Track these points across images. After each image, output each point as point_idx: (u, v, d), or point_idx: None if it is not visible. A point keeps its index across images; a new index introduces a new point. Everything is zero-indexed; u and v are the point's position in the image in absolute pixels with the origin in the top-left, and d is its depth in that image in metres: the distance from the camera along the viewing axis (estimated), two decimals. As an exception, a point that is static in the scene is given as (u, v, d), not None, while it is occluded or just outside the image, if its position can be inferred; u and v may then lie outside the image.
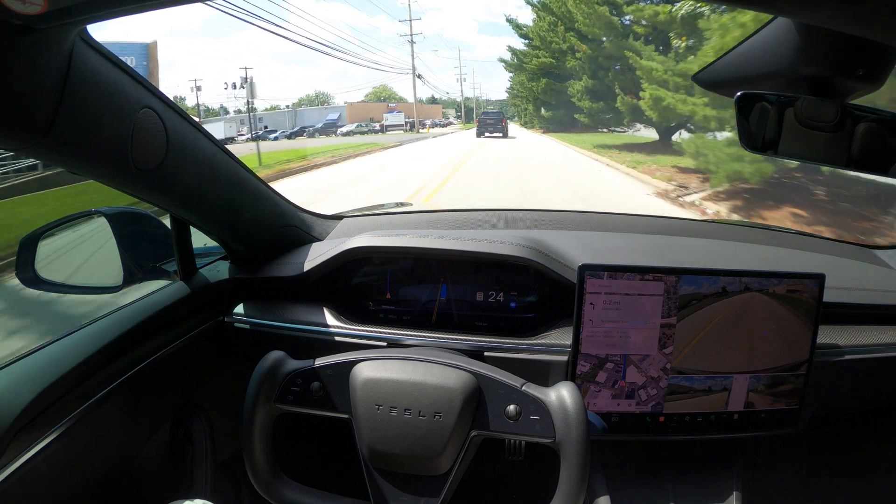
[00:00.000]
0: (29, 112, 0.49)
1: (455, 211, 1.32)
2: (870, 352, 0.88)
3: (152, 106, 0.64)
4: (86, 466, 0.70)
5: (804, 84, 0.54)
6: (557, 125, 22.97)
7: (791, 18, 0.50)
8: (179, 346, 0.85)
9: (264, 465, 0.65)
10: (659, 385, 0.83)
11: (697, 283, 0.80)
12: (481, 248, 0.91)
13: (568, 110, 21.21)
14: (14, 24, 0.42)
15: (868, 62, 0.50)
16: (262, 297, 1.00)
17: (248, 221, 0.93)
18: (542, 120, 26.69)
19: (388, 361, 0.66)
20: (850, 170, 0.56)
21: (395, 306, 0.97)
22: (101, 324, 0.76)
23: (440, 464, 0.62)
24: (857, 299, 0.93)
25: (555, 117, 23.77)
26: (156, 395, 0.82)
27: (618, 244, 1.08)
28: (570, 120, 21.23)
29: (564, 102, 21.01)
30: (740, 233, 1.26)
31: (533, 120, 29.79)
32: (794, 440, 0.92)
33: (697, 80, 0.65)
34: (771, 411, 0.85)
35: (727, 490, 0.92)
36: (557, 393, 0.62)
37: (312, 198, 7.53)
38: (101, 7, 0.44)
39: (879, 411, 1.04)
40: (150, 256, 0.89)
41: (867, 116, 0.53)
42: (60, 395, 0.65)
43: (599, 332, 0.81)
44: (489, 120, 22.05)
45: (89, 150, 0.58)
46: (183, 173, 0.73)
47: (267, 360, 0.66)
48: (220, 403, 0.96)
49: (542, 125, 26.21)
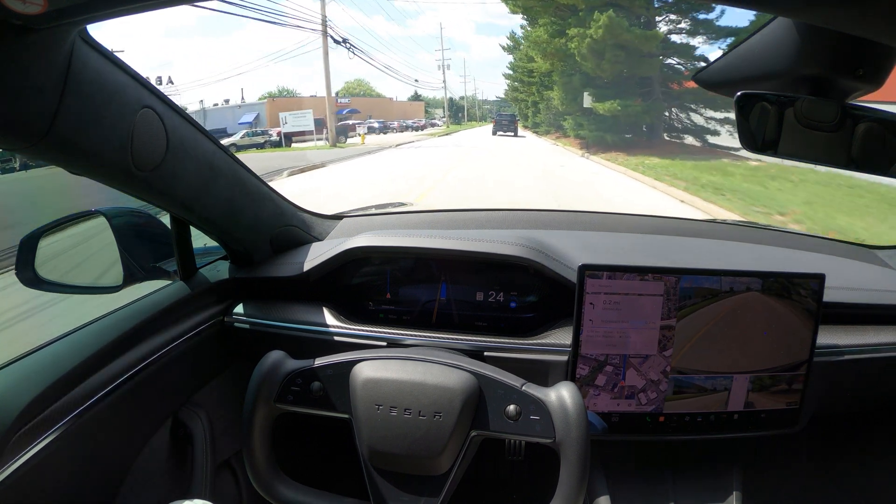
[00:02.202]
0: (29, 112, 0.49)
1: (455, 211, 1.32)
2: (870, 352, 0.88)
3: (152, 106, 0.64)
4: (86, 466, 0.70)
5: (804, 84, 0.54)
6: (619, 139, 14.39)
7: (791, 18, 0.50)
8: (179, 345, 0.85)
9: (264, 464, 0.65)
10: (659, 388, 0.83)
11: (697, 283, 0.80)
12: (481, 248, 0.91)
13: (653, 108, 13.85)
14: (14, 24, 0.42)
15: (868, 62, 0.50)
16: (262, 296, 1.00)
17: (248, 221, 0.93)
18: (577, 123, 15.97)
19: (388, 361, 0.66)
20: (850, 170, 0.56)
21: (395, 306, 0.97)
22: (101, 324, 0.76)
23: (440, 464, 0.62)
24: (857, 299, 0.93)
25: (613, 121, 14.43)
26: (156, 395, 0.82)
27: (618, 244, 1.08)
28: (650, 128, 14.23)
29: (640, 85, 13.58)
30: (740, 233, 1.26)
31: (552, 120, 20.33)
32: (794, 440, 0.92)
33: (697, 80, 0.65)
34: (771, 411, 0.85)
35: (727, 490, 0.92)
36: (557, 393, 0.62)
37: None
38: (101, 7, 0.44)
39: (879, 411, 1.04)
40: (150, 256, 0.89)
41: (867, 116, 0.52)
42: (60, 395, 0.65)
43: (599, 333, 0.81)
44: (504, 121, 25.28)
45: (89, 150, 0.58)
46: (183, 173, 0.73)
47: (267, 360, 0.66)
48: (220, 403, 0.96)
49: (578, 133, 15.95)
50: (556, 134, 21.33)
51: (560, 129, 20.04)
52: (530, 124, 28.15)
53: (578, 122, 16.14)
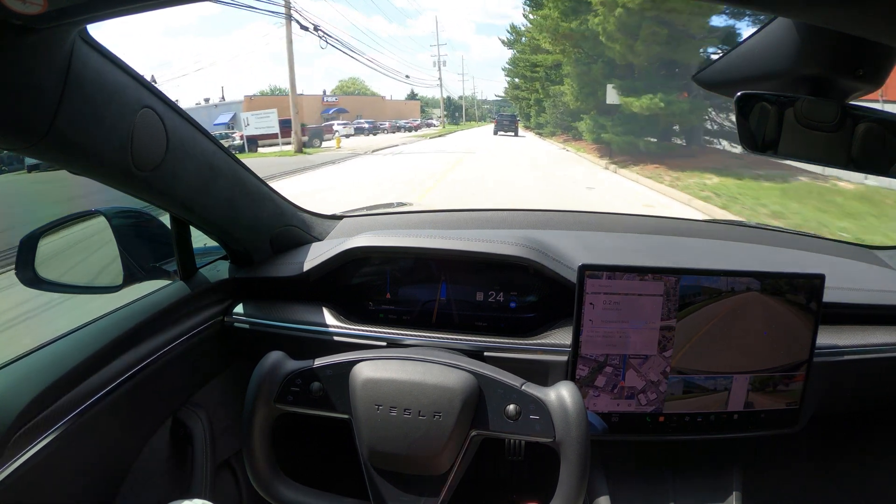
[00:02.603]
0: (29, 112, 0.49)
1: (455, 211, 1.32)
2: (870, 352, 0.88)
3: (152, 106, 0.64)
4: (86, 466, 0.70)
5: (804, 84, 0.54)
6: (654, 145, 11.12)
7: (791, 18, 0.50)
8: (179, 345, 0.85)
9: (264, 465, 0.65)
10: (659, 389, 0.83)
11: (697, 284, 0.80)
12: (481, 248, 0.91)
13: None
14: (14, 24, 0.42)
15: (868, 62, 0.50)
16: (262, 296, 1.00)
17: (247, 221, 0.93)
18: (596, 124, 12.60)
19: (387, 361, 0.66)
20: (850, 170, 0.56)
21: (395, 306, 0.97)
22: (101, 324, 0.76)
23: (440, 464, 0.62)
24: (857, 299, 0.93)
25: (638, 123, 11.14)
26: (156, 395, 0.82)
27: (618, 244, 1.08)
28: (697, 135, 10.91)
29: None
30: (740, 233, 1.26)
31: (560, 120, 16.98)
32: (794, 440, 0.92)
33: (697, 81, 0.65)
34: (771, 411, 0.85)
35: (727, 490, 0.92)
36: (557, 392, 0.62)
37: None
38: (101, 7, 0.44)
39: (879, 411, 1.04)
40: (150, 256, 0.89)
41: (867, 116, 0.52)
42: (60, 395, 0.65)
43: (599, 333, 0.81)
44: (505, 121, 26.31)
45: (89, 150, 0.58)
46: (183, 173, 0.73)
47: (266, 360, 0.66)
48: (220, 403, 0.96)
49: (599, 137, 12.64)
50: (563, 136, 18.20)
51: (569, 130, 16.85)
52: (533, 125, 26.24)
53: (599, 123, 12.80)
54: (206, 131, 0.77)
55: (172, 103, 0.69)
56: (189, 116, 0.73)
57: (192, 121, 0.74)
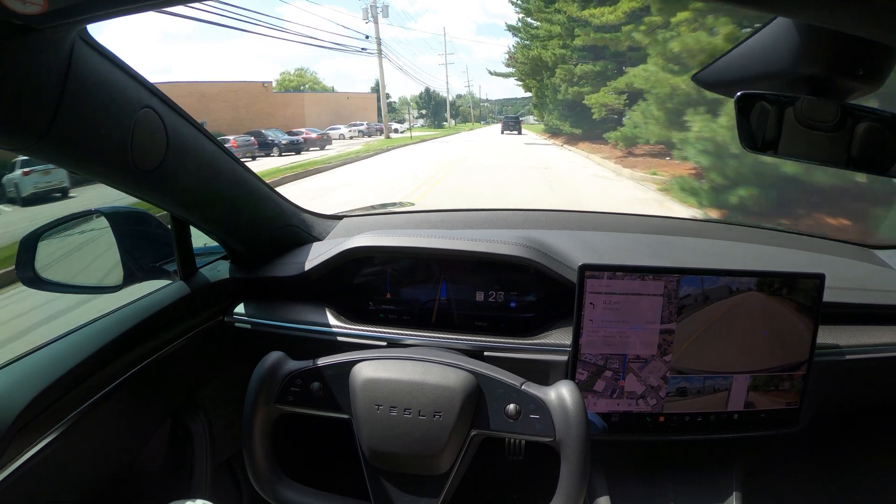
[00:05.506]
0: (29, 112, 0.49)
1: (455, 211, 1.32)
2: (870, 352, 0.88)
3: (152, 106, 0.64)
4: (86, 466, 0.70)
5: (804, 84, 0.54)
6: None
7: (791, 18, 0.50)
8: (180, 345, 0.85)
9: (264, 465, 0.65)
10: (658, 394, 0.83)
11: (697, 283, 0.80)
12: (481, 248, 0.91)
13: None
14: (14, 24, 0.42)
15: (868, 62, 0.50)
16: (262, 296, 1.00)
17: (248, 221, 0.93)
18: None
19: (387, 361, 0.66)
20: (850, 170, 0.56)
21: (395, 306, 0.97)
22: (101, 324, 0.76)
23: (440, 463, 0.62)
24: (857, 299, 0.93)
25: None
26: (156, 395, 0.82)
27: (618, 244, 1.08)
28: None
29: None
30: (740, 233, 1.26)
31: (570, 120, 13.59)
32: (794, 440, 0.92)
33: (697, 81, 0.65)
34: (771, 411, 0.85)
35: (727, 490, 0.92)
36: (557, 392, 0.62)
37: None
38: (101, 7, 0.44)
39: (879, 411, 1.04)
40: (150, 256, 0.89)
41: (867, 116, 0.52)
42: (60, 395, 0.65)
43: (599, 333, 0.81)
44: (510, 122, 29.49)
45: (89, 151, 0.58)
46: (183, 173, 0.73)
47: (267, 360, 0.66)
48: (220, 403, 0.96)
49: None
50: (603, 147, 11.66)
51: (628, 140, 10.00)
52: (547, 125, 17.12)
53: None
54: (206, 131, 0.77)
55: (172, 103, 0.69)
56: (189, 116, 0.73)
57: (193, 121, 0.74)
